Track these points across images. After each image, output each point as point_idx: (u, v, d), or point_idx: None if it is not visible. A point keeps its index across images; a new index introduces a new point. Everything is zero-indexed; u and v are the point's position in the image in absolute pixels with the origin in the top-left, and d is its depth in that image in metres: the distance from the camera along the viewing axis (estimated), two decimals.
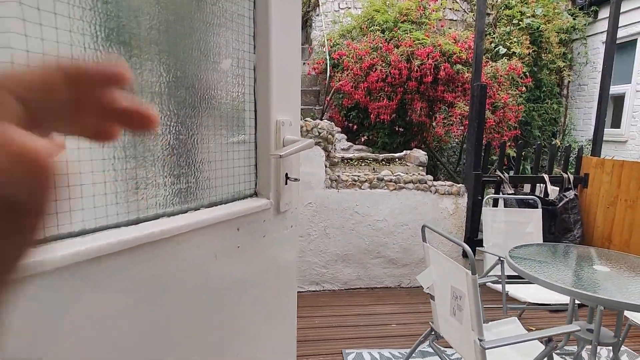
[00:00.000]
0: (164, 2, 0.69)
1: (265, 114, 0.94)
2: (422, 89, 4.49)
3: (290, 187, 1.08)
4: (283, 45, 0.93)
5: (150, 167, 0.70)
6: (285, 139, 1.02)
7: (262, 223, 0.97)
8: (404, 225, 3.75)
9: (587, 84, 6.21)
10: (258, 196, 1.00)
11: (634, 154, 5.39)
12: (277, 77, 0.92)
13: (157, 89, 0.70)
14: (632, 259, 2.40)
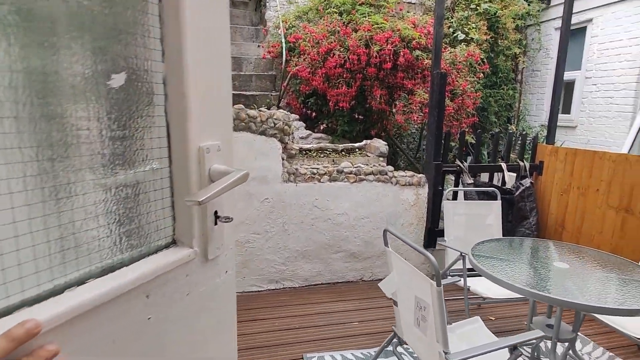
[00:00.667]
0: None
1: (181, 141, 0.71)
2: (382, 76, 4.35)
3: (222, 228, 0.87)
4: (204, 47, 0.70)
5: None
6: (213, 171, 0.80)
7: (185, 278, 0.76)
8: (365, 218, 3.65)
9: (540, 70, 6.34)
10: (178, 245, 0.78)
11: (582, 139, 5.59)
12: (198, 90, 0.70)
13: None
14: (589, 253, 2.41)
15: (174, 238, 0.78)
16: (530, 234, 3.78)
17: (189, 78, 0.67)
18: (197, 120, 0.72)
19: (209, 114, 0.76)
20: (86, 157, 0.59)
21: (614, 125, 5.12)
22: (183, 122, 0.70)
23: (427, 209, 3.77)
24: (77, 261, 0.56)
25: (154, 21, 0.64)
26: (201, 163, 0.76)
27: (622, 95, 5.02)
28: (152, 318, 0.66)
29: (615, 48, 5.11)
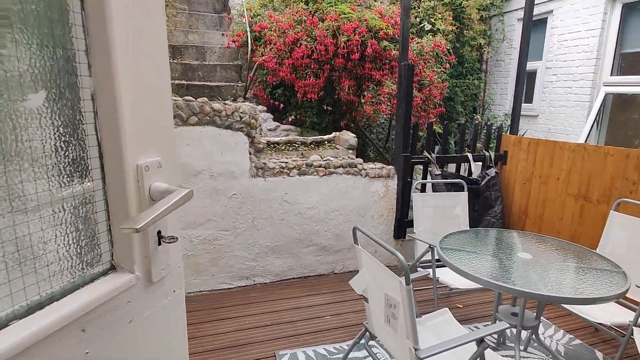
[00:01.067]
0: None
1: (115, 159, 0.64)
2: (350, 66, 4.31)
3: (167, 248, 0.81)
4: (137, 56, 0.62)
5: None
6: (153, 189, 0.73)
7: (127, 306, 0.70)
8: (335, 212, 3.63)
9: (504, 60, 6.48)
10: (118, 271, 0.71)
11: (544, 127, 5.78)
12: (132, 105, 0.62)
13: None
14: (551, 242, 2.49)
15: (113, 263, 0.72)
16: (495, 222, 3.88)
17: (120, 92, 0.60)
18: (132, 137, 0.65)
19: (146, 129, 0.69)
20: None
21: (573, 114, 5.32)
22: (116, 139, 0.63)
23: (397, 200, 3.80)
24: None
25: (77, 32, 0.56)
26: (140, 182, 0.69)
27: (580, 85, 5.21)
28: (90, 352, 0.60)
29: (574, 39, 5.28)
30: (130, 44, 0.62)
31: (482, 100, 6.66)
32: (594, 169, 3.24)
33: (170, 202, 0.67)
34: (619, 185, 3.07)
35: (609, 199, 3.14)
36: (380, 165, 3.75)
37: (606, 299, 1.82)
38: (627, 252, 2.60)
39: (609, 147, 3.13)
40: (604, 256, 2.28)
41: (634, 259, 2.53)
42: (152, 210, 0.65)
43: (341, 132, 4.06)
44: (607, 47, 4.99)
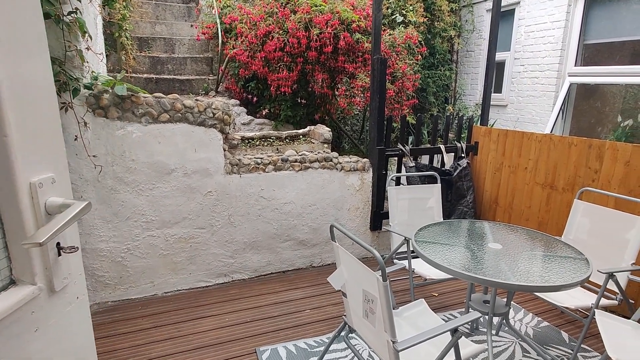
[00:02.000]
0: None
1: (7, 179, 0.66)
2: (323, 59, 4.29)
3: (68, 257, 0.84)
4: (17, 81, 0.62)
5: None
6: (49, 204, 0.75)
7: (31, 316, 0.72)
8: (312, 206, 3.65)
9: (474, 51, 6.60)
10: (18, 284, 0.73)
11: (513, 117, 5.95)
12: (18, 125, 0.63)
13: None
14: (520, 232, 2.59)
15: (13, 278, 0.74)
16: (468, 211, 4.00)
17: (6, 113, 0.60)
18: (23, 156, 0.66)
19: (37, 147, 0.71)
20: None
21: (540, 104, 5.50)
22: (5, 160, 0.64)
23: (372, 192, 3.85)
24: None
25: None
26: (35, 199, 0.72)
27: (546, 75, 5.38)
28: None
29: (540, 31, 5.43)
30: (9, 69, 0.61)
31: (454, 91, 6.79)
32: (559, 158, 3.37)
33: (70, 215, 0.70)
34: (582, 174, 3.21)
35: (573, 187, 3.29)
36: (356, 158, 3.78)
37: (570, 286, 1.92)
38: (589, 238, 2.74)
39: (573, 138, 3.26)
40: (568, 244, 2.39)
41: (596, 245, 2.67)
42: (53, 224, 0.68)
43: (316, 125, 4.06)
44: (572, 39, 5.17)
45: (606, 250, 2.61)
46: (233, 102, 4.77)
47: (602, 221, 2.68)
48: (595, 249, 2.68)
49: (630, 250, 2.47)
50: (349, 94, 4.31)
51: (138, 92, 2.92)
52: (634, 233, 2.47)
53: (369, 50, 4.36)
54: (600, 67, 4.94)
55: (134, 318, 2.97)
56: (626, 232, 2.52)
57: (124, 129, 2.89)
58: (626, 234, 2.52)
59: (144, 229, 3.10)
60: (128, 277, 3.14)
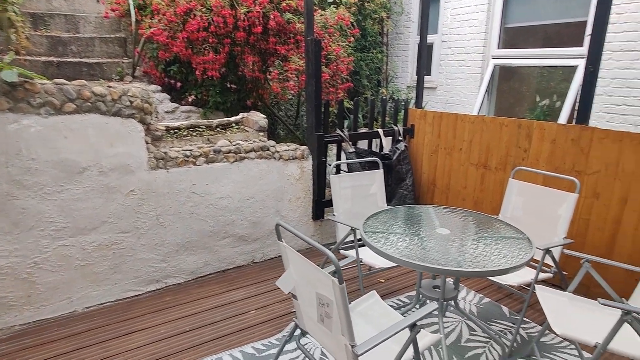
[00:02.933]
0: None
1: None
2: (252, 41, 3.99)
3: None
4: None
5: None
6: None
7: None
8: (250, 199, 3.41)
9: (403, 33, 6.65)
10: None
11: (442, 99, 6.13)
12: None
13: None
14: (464, 215, 2.60)
15: None
16: (407, 194, 4.02)
17: None
18: None
19: None
20: None
21: (467, 86, 5.71)
22: None
23: (313, 181, 3.70)
24: None
25: None
26: None
27: (472, 58, 5.58)
28: None
29: (465, 14, 5.59)
30: None
31: (385, 74, 6.82)
32: (491, 139, 3.47)
33: None
34: (513, 153, 3.34)
35: (505, 166, 3.41)
36: (294, 146, 3.59)
37: (518, 267, 1.94)
38: (524, 215, 2.85)
39: (504, 119, 3.36)
40: (509, 224, 2.44)
41: (530, 221, 2.78)
42: None
43: (249, 112, 3.78)
44: (494, 22, 5.38)
45: (540, 226, 2.73)
46: (154, 88, 4.30)
47: (536, 198, 2.79)
48: (531, 225, 2.78)
49: (562, 224, 2.59)
50: (283, 77, 4.08)
51: (33, 78, 2.44)
52: (565, 208, 2.59)
53: (301, 31, 4.15)
54: (519, 49, 5.21)
55: (50, 341, 2.55)
56: (558, 207, 2.64)
57: (18, 122, 2.41)
58: (558, 210, 2.64)
59: (53, 239, 2.65)
60: (38, 295, 2.69)
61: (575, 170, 2.96)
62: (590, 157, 2.87)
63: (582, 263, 2.29)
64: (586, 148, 2.88)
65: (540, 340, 2.52)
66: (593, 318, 2.10)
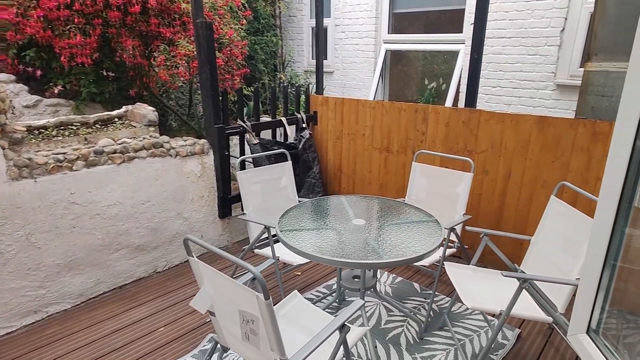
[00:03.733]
0: None
1: None
2: (130, 22, 3.48)
3: None
4: None
5: None
6: None
7: None
8: (146, 203, 3.02)
9: (296, 16, 6.52)
10: None
11: (340, 83, 6.19)
12: None
13: None
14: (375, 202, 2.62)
15: None
16: (315, 182, 3.98)
17: None
18: None
19: None
20: None
21: (362, 70, 5.84)
22: None
23: (217, 177, 3.43)
24: None
25: None
26: None
27: (365, 42, 5.70)
28: None
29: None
30: None
31: (282, 58, 6.65)
32: (392, 123, 3.58)
33: None
34: (412, 136, 3.48)
35: (405, 149, 3.55)
36: (192, 140, 3.27)
37: (433, 251, 2.00)
38: (428, 196, 3.00)
39: (402, 104, 3.48)
40: (417, 207, 2.52)
41: (434, 202, 2.93)
42: None
43: (135, 105, 3.32)
44: (383, 7, 5.54)
45: (443, 205, 2.90)
46: (5, 77, 3.52)
47: (437, 179, 2.94)
48: (434, 205, 2.94)
49: (461, 202, 2.78)
50: (171, 64, 3.66)
51: None
52: (463, 187, 2.78)
53: (187, 12, 3.76)
54: (407, 35, 5.47)
55: None
56: (456, 186, 2.82)
57: None
58: (456, 188, 2.82)
59: None
60: None
61: (467, 150, 3.20)
62: (479, 138, 3.12)
63: (482, 237, 2.49)
64: (475, 129, 3.12)
65: (450, 310, 2.69)
66: (495, 287, 2.29)
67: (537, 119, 2.86)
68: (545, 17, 4.25)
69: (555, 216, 2.32)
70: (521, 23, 4.40)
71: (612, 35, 2.76)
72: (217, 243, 3.61)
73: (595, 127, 2.63)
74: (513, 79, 4.59)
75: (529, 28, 4.36)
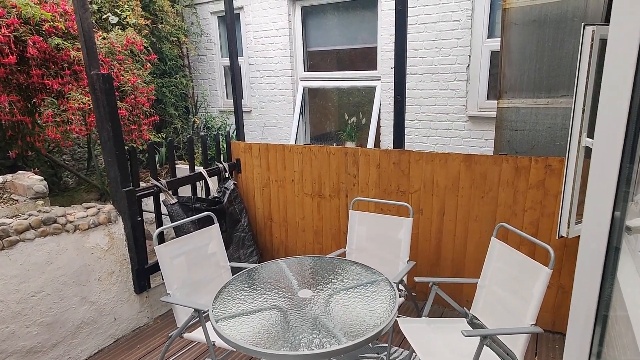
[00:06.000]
0: None
1: None
2: (4, 74, 2.91)
3: None
4: None
5: None
6: None
7: None
8: (37, 294, 2.44)
9: (206, 55, 6.20)
10: None
11: (259, 122, 5.95)
12: None
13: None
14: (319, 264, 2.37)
15: None
16: (245, 236, 3.64)
17: None
18: None
19: None
20: None
21: (282, 108, 5.67)
22: None
23: (129, 247, 2.94)
24: None
25: None
26: None
27: (282, 80, 5.57)
28: None
29: (268, 37, 5.52)
30: None
31: (194, 99, 6.24)
32: (322, 167, 3.42)
33: None
34: (344, 180, 3.35)
35: (338, 192, 3.40)
36: (94, 209, 2.76)
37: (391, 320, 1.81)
38: (369, 245, 2.85)
39: (331, 147, 3.34)
40: (363, 264, 2.33)
41: (376, 250, 2.79)
42: None
43: (15, 174, 2.73)
44: (297, 46, 5.49)
45: (385, 252, 2.76)
46: None
47: (377, 226, 2.81)
48: (377, 253, 2.80)
49: (404, 248, 2.67)
50: (61, 119, 3.11)
51: None
52: (403, 233, 2.68)
53: (78, 60, 3.27)
54: (322, 72, 5.46)
55: None
56: (397, 232, 2.71)
57: None
58: (398, 234, 2.71)
59: None
60: None
61: (401, 191, 3.14)
62: (411, 177, 3.08)
63: (431, 286, 2.38)
64: (406, 169, 3.08)
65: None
66: (454, 339, 2.17)
67: (464, 157, 2.90)
68: (451, 54, 4.50)
69: (499, 258, 2.30)
70: (431, 60, 4.61)
71: (518, 75, 2.93)
72: (136, 323, 3.07)
73: (517, 162, 2.72)
74: (429, 112, 4.77)
75: (438, 65, 4.58)
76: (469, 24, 4.39)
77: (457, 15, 4.44)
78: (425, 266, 3.17)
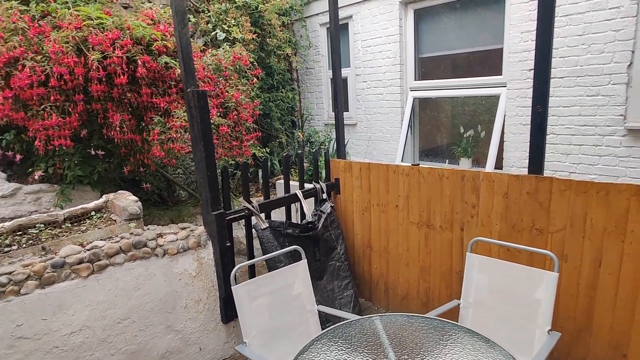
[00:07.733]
0: None
1: None
2: (117, 94, 3.03)
3: None
4: None
5: None
6: None
7: None
8: (123, 322, 2.38)
9: (314, 68, 6.07)
10: None
11: (364, 136, 5.58)
12: None
13: None
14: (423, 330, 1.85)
15: None
16: (341, 265, 3.25)
17: None
18: None
19: None
20: None
21: (389, 120, 5.21)
22: None
23: (217, 273, 2.77)
24: None
25: None
26: None
27: (390, 91, 5.12)
28: None
29: (377, 45, 5.14)
30: None
31: (300, 113, 6.15)
32: (432, 193, 2.86)
33: None
34: (459, 209, 2.74)
35: (452, 224, 2.80)
36: (185, 232, 2.65)
37: None
38: (492, 299, 2.21)
39: (444, 169, 2.77)
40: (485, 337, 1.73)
41: (503, 310, 2.15)
42: None
43: (115, 194, 2.78)
44: (407, 53, 4.98)
45: (515, 313, 2.11)
46: None
47: (504, 277, 2.17)
48: (504, 315, 2.15)
49: (544, 313, 1.98)
50: (165, 137, 3.14)
51: None
52: (544, 292, 1.99)
53: None
54: (437, 80, 4.85)
55: None
56: (534, 289, 2.03)
57: None
58: (535, 293, 2.03)
59: None
60: None
61: (536, 229, 2.41)
62: (552, 212, 2.34)
63: None
64: (546, 202, 2.35)
65: None
66: None
67: (636, 189, 2.08)
68: (605, 51, 3.54)
69: None
70: (575, 60, 3.70)
71: None
72: (222, 354, 2.89)
73: None
74: (570, 124, 3.83)
75: (586, 65, 3.65)
76: (634, 10, 3.39)
77: (617, 1, 3.47)
78: (568, 329, 2.37)
